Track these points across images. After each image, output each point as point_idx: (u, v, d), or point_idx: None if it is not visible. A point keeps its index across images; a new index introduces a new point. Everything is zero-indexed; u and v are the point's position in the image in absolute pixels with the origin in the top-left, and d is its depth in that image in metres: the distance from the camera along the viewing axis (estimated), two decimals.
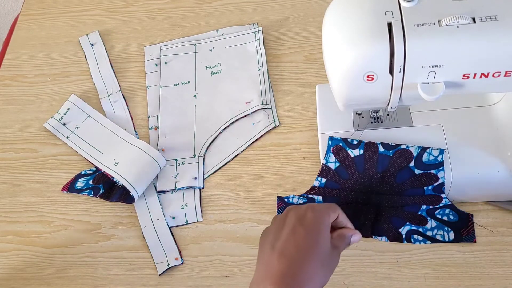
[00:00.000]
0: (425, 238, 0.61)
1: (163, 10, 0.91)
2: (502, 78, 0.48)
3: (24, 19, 0.95)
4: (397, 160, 0.61)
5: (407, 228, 0.61)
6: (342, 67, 0.49)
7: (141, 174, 0.71)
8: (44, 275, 0.69)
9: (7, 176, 0.78)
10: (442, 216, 0.61)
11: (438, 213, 0.61)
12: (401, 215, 0.62)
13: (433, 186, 0.60)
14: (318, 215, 0.48)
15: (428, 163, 0.60)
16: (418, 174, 0.60)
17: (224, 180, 0.72)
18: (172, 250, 0.67)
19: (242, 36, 0.83)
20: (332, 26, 0.50)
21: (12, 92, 0.86)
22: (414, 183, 0.61)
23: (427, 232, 0.61)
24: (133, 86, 0.83)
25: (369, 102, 0.54)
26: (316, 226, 0.47)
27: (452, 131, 0.62)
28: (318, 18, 0.83)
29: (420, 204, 0.61)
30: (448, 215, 0.61)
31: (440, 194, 0.60)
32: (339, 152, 0.63)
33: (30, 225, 0.73)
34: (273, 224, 0.51)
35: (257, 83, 0.78)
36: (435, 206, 0.61)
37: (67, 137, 0.78)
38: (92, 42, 0.89)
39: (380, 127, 0.64)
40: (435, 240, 0.60)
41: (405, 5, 0.47)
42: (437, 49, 0.46)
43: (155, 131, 0.78)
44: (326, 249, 0.47)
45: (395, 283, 0.60)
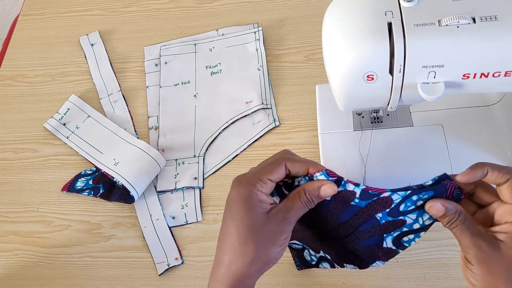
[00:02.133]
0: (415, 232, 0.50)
1: (163, 10, 0.91)
2: (502, 78, 0.48)
3: (24, 19, 0.95)
4: (367, 211, 0.49)
5: (390, 237, 0.51)
6: (342, 67, 0.50)
7: (141, 174, 0.71)
8: (44, 275, 0.69)
9: (7, 176, 0.78)
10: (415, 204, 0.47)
11: (407, 206, 0.48)
12: (366, 235, 0.51)
13: (356, 199, 0.48)
14: (240, 188, 0.44)
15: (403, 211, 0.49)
16: (331, 199, 0.48)
17: (224, 180, 0.72)
18: (172, 250, 0.67)
19: (242, 36, 0.83)
20: (332, 26, 0.50)
21: (12, 92, 0.86)
22: (337, 206, 0.49)
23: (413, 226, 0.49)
24: (133, 86, 0.83)
25: (369, 102, 0.54)
26: (236, 203, 0.43)
27: (452, 131, 0.62)
28: (318, 18, 0.83)
29: (372, 215, 0.49)
30: (420, 199, 0.47)
31: (380, 195, 0.47)
32: None
33: (30, 225, 0.73)
34: None
35: (257, 83, 0.78)
36: (389, 207, 0.48)
37: (67, 137, 0.78)
38: (92, 42, 0.89)
39: (380, 127, 0.64)
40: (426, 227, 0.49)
41: (405, 5, 0.47)
42: (437, 49, 0.46)
43: (155, 131, 0.78)
44: (246, 221, 0.43)
45: (395, 283, 0.60)
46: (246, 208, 0.43)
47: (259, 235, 0.43)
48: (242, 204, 0.43)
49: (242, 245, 0.43)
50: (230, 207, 0.44)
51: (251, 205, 0.43)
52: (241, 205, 0.43)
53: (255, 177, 0.44)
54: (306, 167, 0.46)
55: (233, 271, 0.44)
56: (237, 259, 0.43)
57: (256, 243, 0.43)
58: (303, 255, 0.60)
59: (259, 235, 0.43)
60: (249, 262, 0.43)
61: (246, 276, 0.44)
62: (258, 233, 0.43)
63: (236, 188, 0.44)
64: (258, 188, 0.44)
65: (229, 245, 0.43)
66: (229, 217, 0.44)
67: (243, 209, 0.43)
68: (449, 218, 0.44)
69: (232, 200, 0.44)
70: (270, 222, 0.43)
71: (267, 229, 0.43)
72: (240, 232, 0.43)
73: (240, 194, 0.44)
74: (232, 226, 0.43)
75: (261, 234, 0.43)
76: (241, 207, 0.43)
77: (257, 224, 0.43)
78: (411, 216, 0.49)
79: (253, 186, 0.44)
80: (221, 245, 0.45)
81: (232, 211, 0.44)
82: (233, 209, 0.44)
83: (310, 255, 0.59)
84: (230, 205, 0.44)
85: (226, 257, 0.44)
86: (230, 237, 0.43)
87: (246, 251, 0.43)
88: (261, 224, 0.43)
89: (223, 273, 0.44)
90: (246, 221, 0.43)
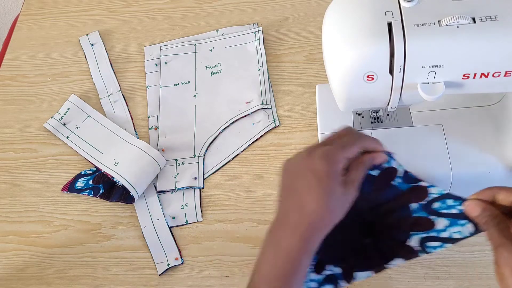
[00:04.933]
0: (442, 241, 0.50)
1: (163, 10, 0.91)
2: (502, 78, 0.48)
3: (24, 19, 0.95)
4: (406, 196, 0.52)
5: (416, 238, 0.51)
6: (342, 67, 0.49)
7: (141, 174, 0.71)
8: (44, 275, 0.69)
9: (7, 176, 0.78)
10: (449, 209, 0.49)
11: (441, 207, 0.50)
12: (396, 227, 0.52)
13: (399, 177, 0.52)
14: (330, 165, 0.49)
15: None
16: (377, 176, 0.52)
17: (224, 180, 0.72)
18: (172, 250, 0.67)
19: (242, 36, 0.83)
20: (332, 26, 0.50)
21: (12, 92, 0.86)
22: (378, 185, 0.52)
23: (441, 234, 0.50)
24: (133, 86, 0.83)
25: (369, 102, 0.54)
26: (328, 177, 0.48)
27: (452, 131, 0.62)
28: (318, 18, 0.83)
29: (406, 205, 0.52)
30: (454, 206, 0.49)
31: (417, 183, 0.51)
32: None
33: (30, 225, 0.73)
34: (291, 167, 0.51)
35: (257, 83, 0.78)
36: (424, 199, 0.51)
37: (67, 137, 0.78)
38: (92, 42, 0.89)
39: (380, 127, 0.64)
40: (454, 240, 0.49)
41: (405, 5, 0.47)
42: (437, 49, 0.46)
43: (155, 131, 0.78)
44: (339, 195, 0.48)
45: (395, 283, 0.60)
46: (334, 182, 0.48)
47: (337, 199, 0.49)
48: (331, 179, 0.48)
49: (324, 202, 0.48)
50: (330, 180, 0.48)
51: (338, 180, 0.49)
52: (330, 179, 0.48)
53: (341, 157, 0.49)
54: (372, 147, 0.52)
55: (309, 218, 0.48)
56: (315, 210, 0.48)
57: (335, 201, 0.48)
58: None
59: (337, 199, 0.49)
60: (327, 214, 0.48)
61: (318, 229, 0.48)
62: (337, 198, 0.49)
63: (327, 165, 0.48)
64: (342, 167, 0.49)
65: (313, 199, 0.48)
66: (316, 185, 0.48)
67: (331, 183, 0.48)
68: (483, 218, 0.47)
69: (322, 174, 0.48)
70: (345, 189, 0.49)
71: (343, 194, 0.49)
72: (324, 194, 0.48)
73: (331, 170, 0.48)
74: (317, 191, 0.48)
75: (338, 198, 0.49)
76: (330, 181, 0.48)
77: (338, 192, 0.48)
78: (442, 221, 0.50)
79: (340, 164, 0.49)
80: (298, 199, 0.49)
81: (322, 182, 0.48)
82: (324, 181, 0.48)
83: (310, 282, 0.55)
84: (330, 179, 0.48)
85: (307, 207, 0.48)
86: (313, 195, 0.48)
87: (326, 206, 0.48)
88: (340, 192, 0.49)
89: (297, 218, 0.48)
90: (332, 193, 0.48)
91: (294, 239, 0.48)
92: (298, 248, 0.48)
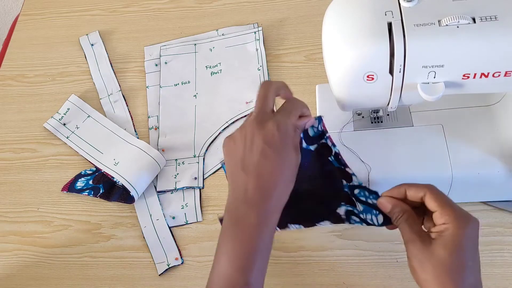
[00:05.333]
0: (360, 220, 0.56)
1: (163, 10, 0.91)
2: (502, 78, 0.48)
3: (24, 19, 0.95)
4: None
5: (344, 208, 0.57)
6: (342, 67, 0.50)
7: (141, 174, 0.71)
8: (44, 275, 0.69)
9: (7, 176, 0.78)
10: (366, 199, 0.55)
11: (360, 194, 0.56)
12: (330, 196, 0.58)
13: (332, 156, 0.57)
14: (284, 134, 0.50)
15: (315, 136, 0.58)
16: (313, 150, 0.58)
17: (224, 180, 0.72)
18: (172, 250, 0.67)
19: (242, 36, 0.83)
20: (332, 26, 0.50)
21: (12, 92, 0.86)
22: (317, 158, 0.57)
23: (360, 214, 0.56)
24: (133, 86, 0.83)
25: (369, 102, 0.54)
26: (285, 147, 0.50)
27: (452, 131, 0.62)
28: (318, 18, 0.83)
29: (340, 179, 0.57)
30: (370, 198, 0.55)
31: (345, 167, 0.57)
32: None
33: (30, 225, 0.73)
34: (239, 142, 0.51)
35: (257, 83, 0.78)
36: (349, 183, 0.57)
37: (67, 137, 0.78)
38: (92, 42, 0.89)
39: (380, 127, 0.64)
40: (367, 223, 0.55)
41: (405, 5, 0.47)
42: (437, 49, 0.46)
43: (155, 131, 0.78)
44: (294, 162, 0.51)
45: (395, 283, 0.60)
46: (290, 152, 0.51)
47: (293, 167, 0.51)
48: (293, 143, 0.51)
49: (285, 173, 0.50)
50: (288, 147, 0.50)
51: (292, 149, 0.51)
52: (293, 144, 0.51)
53: (291, 125, 0.52)
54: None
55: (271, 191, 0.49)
56: (276, 183, 0.49)
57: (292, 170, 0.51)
58: None
59: (293, 167, 0.51)
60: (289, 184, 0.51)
61: (280, 200, 0.50)
62: (294, 166, 0.51)
63: (282, 136, 0.50)
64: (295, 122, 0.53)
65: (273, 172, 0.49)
66: (288, 155, 0.50)
67: (288, 153, 0.51)
68: (395, 213, 0.50)
69: (287, 140, 0.50)
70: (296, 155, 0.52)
71: (296, 160, 0.52)
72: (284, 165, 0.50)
73: (289, 136, 0.51)
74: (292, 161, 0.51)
75: (294, 166, 0.51)
76: (292, 147, 0.51)
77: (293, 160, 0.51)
78: (360, 206, 0.56)
79: (292, 132, 0.52)
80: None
81: (290, 149, 0.51)
82: (290, 147, 0.51)
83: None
84: (287, 146, 0.50)
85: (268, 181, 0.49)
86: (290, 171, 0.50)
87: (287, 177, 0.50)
88: (294, 160, 0.51)
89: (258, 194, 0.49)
90: (294, 159, 0.51)
91: (257, 214, 0.48)
92: (261, 223, 0.48)
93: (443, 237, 0.46)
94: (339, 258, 0.63)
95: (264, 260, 0.48)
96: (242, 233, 0.48)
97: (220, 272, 0.48)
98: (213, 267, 0.49)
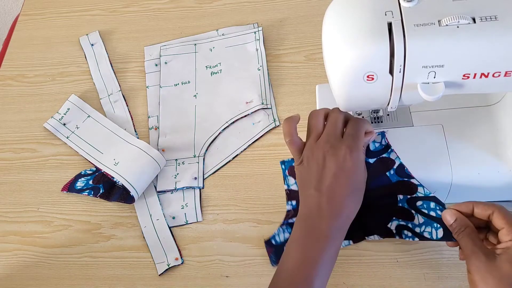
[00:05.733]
0: (413, 234, 0.58)
1: (163, 10, 0.91)
2: (502, 78, 0.48)
3: (24, 19, 0.95)
4: None
5: (395, 223, 0.60)
6: (342, 67, 0.49)
7: (141, 174, 0.71)
8: (44, 275, 0.69)
9: (7, 176, 0.78)
10: (429, 211, 0.57)
11: (422, 206, 0.58)
12: (383, 210, 0.60)
13: (393, 169, 0.59)
14: (356, 159, 0.54)
15: (375, 151, 0.60)
16: (372, 163, 0.60)
17: (224, 180, 0.72)
18: (172, 250, 0.67)
19: (242, 36, 0.83)
20: (332, 26, 0.50)
21: (12, 92, 0.86)
22: (373, 172, 0.60)
23: (415, 228, 0.58)
24: (133, 86, 0.83)
25: (369, 102, 0.54)
26: (356, 171, 0.55)
27: (452, 131, 0.62)
28: (318, 18, 0.83)
29: (394, 194, 0.60)
30: (435, 210, 0.57)
31: (409, 179, 0.59)
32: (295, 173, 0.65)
33: (30, 225, 0.73)
34: (312, 164, 0.56)
35: (257, 83, 0.78)
36: (412, 195, 0.59)
37: (67, 137, 0.78)
38: (92, 42, 0.89)
39: (380, 127, 0.64)
40: (422, 237, 0.57)
41: (405, 5, 0.47)
42: (437, 49, 0.46)
43: (155, 131, 0.78)
44: (363, 184, 0.55)
45: (395, 283, 0.60)
46: (362, 177, 0.56)
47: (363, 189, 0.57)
48: (363, 166, 0.56)
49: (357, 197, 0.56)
50: (359, 171, 0.55)
51: (364, 173, 0.57)
52: (363, 166, 0.56)
53: (361, 149, 0.56)
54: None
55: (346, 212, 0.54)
56: (350, 206, 0.54)
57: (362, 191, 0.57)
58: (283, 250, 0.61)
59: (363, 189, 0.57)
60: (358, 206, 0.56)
61: (350, 218, 0.55)
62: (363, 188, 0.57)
63: (355, 162, 0.55)
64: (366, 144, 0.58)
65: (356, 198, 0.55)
66: (360, 178, 0.55)
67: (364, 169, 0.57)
68: (458, 227, 0.52)
69: (358, 164, 0.55)
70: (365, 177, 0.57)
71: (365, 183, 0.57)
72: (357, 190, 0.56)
73: (361, 161, 0.56)
74: (363, 183, 0.56)
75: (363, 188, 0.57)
76: (363, 169, 0.56)
77: (363, 183, 0.57)
78: (419, 218, 0.58)
79: (363, 151, 0.57)
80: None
81: (361, 172, 0.56)
82: (361, 170, 0.56)
83: None
84: (359, 169, 0.55)
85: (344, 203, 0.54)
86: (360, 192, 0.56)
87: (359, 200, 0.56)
88: (364, 182, 0.57)
89: (333, 212, 0.54)
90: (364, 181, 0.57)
91: (327, 228, 0.52)
92: (329, 236, 0.52)
93: (510, 253, 0.48)
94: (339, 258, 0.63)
95: (327, 270, 0.52)
96: (311, 243, 0.52)
97: (286, 275, 0.52)
98: (279, 270, 0.53)
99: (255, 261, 0.65)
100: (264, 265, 0.64)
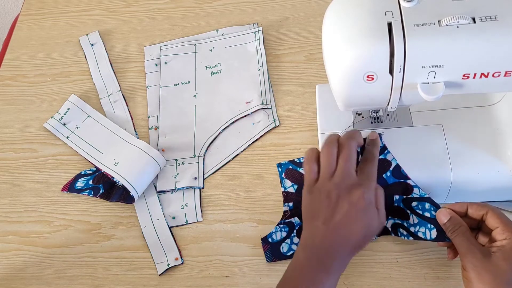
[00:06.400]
0: (408, 233, 0.59)
1: (163, 10, 0.91)
2: (502, 78, 0.48)
3: (24, 19, 0.95)
4: None
5: (391, 221, 0.61)
6: (342, 67, 0.50)
7: (141, 174, 0.71)
8: (44, 275, 0.69)
9: (7, 176, 0.78)
10: (423, 212, 0.58)
11: (417, 207, 0.59)
12: None
13: (390, 171, 0.60)
14: (369, 201, 0.54)
15: None
16: None
17: (224, 180, 0.72)
18: (172, 250, 0.67)
19: (242, 36, 0.83)
20: (332, 26, 0.50)
21: (12, 92, 0.86)
22: None
23: (410, 227, 0.59)
24: (133, 86, 0.83)
25: (369, 102, 0.54)
26: (367, 212, 0.54)
27: (452, 131, 0.62)
28: (318, 18, 0.83)
29: (390, 195, 0.60)
30: (429, 210, 0.58)
31: (405, 180, 0.60)
32: (292, 175, 0.67)
33: (30, 225, 0.73)
34: (323, 199, 0.55)
35: (257, 83, 0.78)
36: (408, 195, 0.60)
37: (67, 137, 0.78)
38: (92, 42, 0.89)
39: (380, 127, 0.64)
40: (416, 237, 0.58)
41: (405, 5, 0.47)
42: (437, 49, 0.46)
43: (155, 131, 0.78)
44: (376, 225, 0.55)
45: (395, 283, 0.60)
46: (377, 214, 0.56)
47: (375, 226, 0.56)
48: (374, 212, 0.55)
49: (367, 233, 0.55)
50: (372, 212, 0.55)
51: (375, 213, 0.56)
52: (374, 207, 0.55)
53: (373, 189, 0.56)
54: None
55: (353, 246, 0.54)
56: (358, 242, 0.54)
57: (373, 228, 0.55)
58: (278, 248, 0.64)
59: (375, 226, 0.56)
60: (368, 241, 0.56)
61: (356, 251, 0.55)
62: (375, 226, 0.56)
63: (368, 197, 0.55)
64: None
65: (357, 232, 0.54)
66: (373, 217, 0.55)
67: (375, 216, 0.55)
68: (452, 226, 0.53)
69: (371, 206, 0.55)
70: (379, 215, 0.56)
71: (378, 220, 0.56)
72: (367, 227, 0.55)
73: (373, 204, 0.55)
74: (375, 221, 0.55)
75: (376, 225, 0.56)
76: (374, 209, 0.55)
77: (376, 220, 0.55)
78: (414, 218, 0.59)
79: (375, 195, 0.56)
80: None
81: (373, 213, 0.55)
82: (373, 210, 0.55)
83: (290, 245, 0.63)
84: (372, 210, 0.55)
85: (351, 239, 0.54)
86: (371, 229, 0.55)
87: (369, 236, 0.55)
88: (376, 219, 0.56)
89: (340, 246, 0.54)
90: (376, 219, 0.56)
91: (331, 260, 0.52)
92: (331, 270, 0.52)
93: (505, 251, 0.49)
94: None
95: None
96: (312, 275, 0.52)
97: None
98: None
99: (255, 261, 0.65)
100: (264, 265, 0.64)
